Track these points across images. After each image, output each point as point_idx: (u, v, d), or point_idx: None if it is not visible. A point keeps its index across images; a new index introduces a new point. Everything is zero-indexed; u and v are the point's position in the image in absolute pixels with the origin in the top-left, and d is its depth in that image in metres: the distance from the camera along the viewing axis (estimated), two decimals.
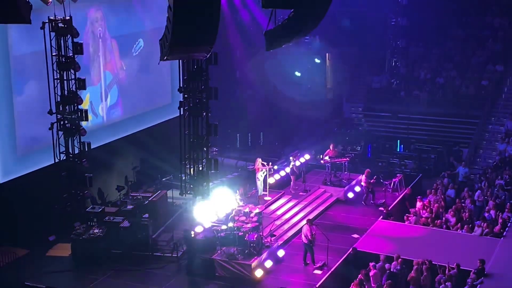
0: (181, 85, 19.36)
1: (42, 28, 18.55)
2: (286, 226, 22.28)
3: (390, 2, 34.54)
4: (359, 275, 17.43)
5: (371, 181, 24.72)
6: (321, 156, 26.27)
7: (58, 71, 19.22)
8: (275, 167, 23.64)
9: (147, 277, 19.37)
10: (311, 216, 22.21)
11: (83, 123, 20.30)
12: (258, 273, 18.95)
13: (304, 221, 20.68)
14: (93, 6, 23.23)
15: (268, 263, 19.45)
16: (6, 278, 19.11)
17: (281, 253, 20.17)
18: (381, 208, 23.24)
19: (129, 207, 22.01)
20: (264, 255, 19.54)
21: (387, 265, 18.04)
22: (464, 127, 30.91)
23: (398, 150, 30.97)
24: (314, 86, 35.33)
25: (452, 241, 20.32)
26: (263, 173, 23.52)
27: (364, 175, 24.63)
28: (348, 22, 33.16)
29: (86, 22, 22.63)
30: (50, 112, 19.16)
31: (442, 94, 32.49)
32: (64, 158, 19.79)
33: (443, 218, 21.67)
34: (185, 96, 19.44)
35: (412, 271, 17.58)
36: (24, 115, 20.79)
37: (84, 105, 21.06)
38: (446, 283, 16.95)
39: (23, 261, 20.02)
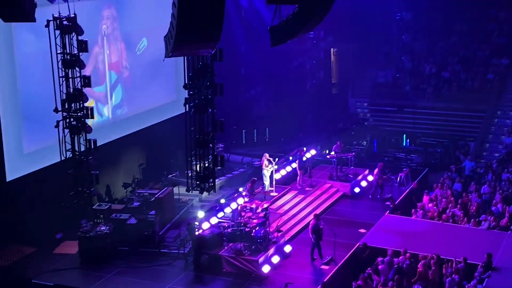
0: (186, 82, 19.33)
1: (47, 26, 18.55)
2: (293, 222, 22.28)
3: None
4: (367, 270, 17.45)
5: (384, 176, 24.68)
6: (327, 151, 26.24)
7: (63, 69, 19.22)
8: (275, 166, 23.57)
9: (155, 274, 19.40)
10: (317, 211, 22.20)
11: (89, 121, 20.32)
12: (265, 268, 18.96)
13: (311, 216, 20.68)
14: (101, 5, 23.26)
15: (275, 259, 19.45)
16: (13, 276, 19.17)
17: (288, 248, 20.17)
18: (388, 203, 23.23)
19: (136, 204, 22.06)
20: (271, 251, 19.55)
21: (395, 260, 18.04)
22: (470, 121, 30.85)
23: (404, 145, 30.94)
24: (319, 81, 35.32)
25: (459, 235, 20.31)
26: (270, 169, 23.51)
27: (377, 169, 24.55)
28: (353, 17, 33.03)
29: (93, 21, 22.65)
30: (56, 110, 19.17)
31: (447, 88, 32.42)
32: (71, 155, 19.80)
33: (450, 212, 21.64)
34: (191, 92, 19.40)
35: (420, 265, 17.58)
36: (29, 113, 20.82)
37: (89, 105, 21.05)
38: (454, 276, 16.95)
39: (31, 259, 20.09)
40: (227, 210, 21.71)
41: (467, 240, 19.88)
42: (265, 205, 21.26)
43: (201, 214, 21.12)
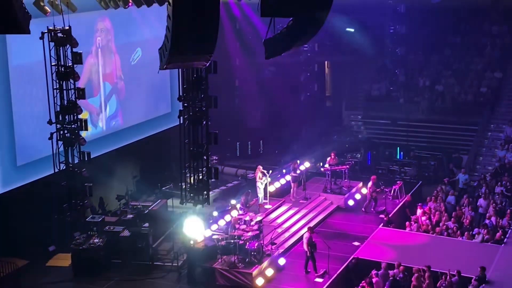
0: (180, 94, 19.35)
1: (41, 38, 18.56)
2: (287, 234, 22.24)
3: (388, 10, 34.60)
4: (362, 283, 17.41)
5: (377, 189, 24.71)
6: (321, 164, 26.25)
7: (57, 80, 19.21)
8: (269, 179, 23.55)
9: (148, 287, 19.32)
10: (311, 224, 22.18)
11: (83, 133, 20.29)
12: (259, 281, 18.90)
13: (305, 229, 20.65)
14: (95, 17, 23.30)
15: (269, 272, 19.40)
16: None
17: (282, 261, 20.12)
18: (381, 216, 23.22)
19: (129, 216, 21.98)
20: (265, 264, 19.50)
21: (389, 273, 18.01)
22: (463, 134, 30.91)
23: (398, 157, 30.96)
24: (313, 94, 35.38)
25: (453, 248, 20.30)
26: (264, 181, 23.50)
27: (370, 182, 24.57)
28: (347, 30, 33.14)
29: (88, 33, 22.66)
30: (50, 122, 19.14)
31: (441, 101, 32.51)
32: (64, 167, 19.76)
33: (444, 226, 21.64)
34: (185, 105, 19.42)
35: (413, 279, 17.56)
36: (23, 125, 20.79)
37: (83, 117, 21.03)
38: None
39: (23, 271, 19.95)
40: (221, 222, 21.67)
41: (461, 253, 19.88)
42: (259, 218, 21.22)
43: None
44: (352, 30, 32.71)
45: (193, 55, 10.81)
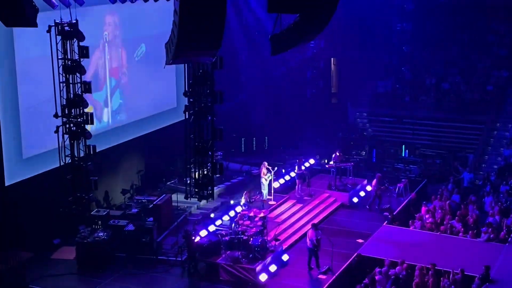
0: (186, 89, 19.37)
1: (48, 31, 18.57)
2: (290, 231, 22.27)
3: (395, 8, 34.55)
4: (365, 280, 17.43)
5: (382, 187, 24.71)
6: (326, 161, 26.25)
7: (63, 74, 19.24)
8: (272, 175, 23.61)
9: (152, 281, 19.39)
10: (315, 221, 22.20)
11: (88, 127, 20.32)
12: (263, 277, 18.94)
13: (309, 226, 20.67)
14: (103, 11, 23.32)
15: (273, 268, 19.44)
16: (11, 281, 19.12)
17: (285, 257, 20.16)
18: (386, 213, 23.21)
19: (134, 210, 22.05)
20: (268, 259, 19.54)
21: (392, 271, 18.03)
22: (469, 133, 30.87)
23: (403, 155, 30.93)
24: (319, 91, 35.35)
25: (457, 247, 20.28)
26: (268, 177, 23.53)
27: (375, 180, 24.56)
28: (353, 27, 33.10)
29: (96, 27, 22.68)
30: (56, 116, 19.16)
31: (447, 99, 32.44)
32: (70, 161, 19.79)
33: (448, 224, 21.62)
34: (191, 100, 19.43)
35: (416, 276, 17.56)
36: (29, 118, 20.83)
37: (89, 110, 21.06)
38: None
39: (28, 264, 20.02)
40: (225, 218, 21.72)
41: (465, 252, 19.86)
42: (263, 214, 21.26)
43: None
44: None
45: (199, 50, 10.83)
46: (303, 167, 25.16)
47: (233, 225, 20.43)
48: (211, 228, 21.11)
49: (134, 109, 25.58)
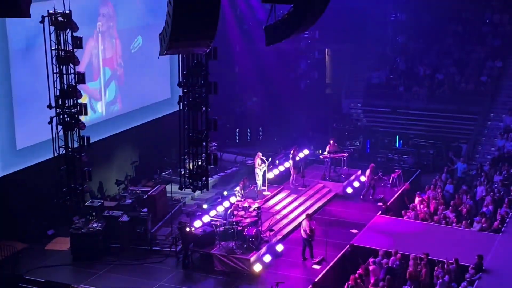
0: (180, 80, 19.34)
1: (42, 22, 18.50)
2: (285, 221, 22.31)
3: None
4: (359, 270, 17.49)
5: (375, 177, 24.76)
6: (320, 151, 26.27)
7: (57, 65, 19.17)
8: (266, 166, 23.63)
9: (146, 272, 19.40)
10: (310, 211, 22.24)
11: (82, 118, 20.28)
12: (257, 267, 18.99)
13: (303, 216, 20.71)
14: (98, 1, 23.23)
15: (267, 258, 19.49)
16: (5, 272, 19.13)
17: (280, 247, 20.20)
18: (380, 204, 23.28)
19: (128, 201, 22.06)
20: (263, 250, 19.58)
21: (385, 260, 18.10)
22: (463, 123, 30.88)
23: (397, 146, 30.97)
24: (313, 81, 35.33)
25: (450, 237, 20.37)
26: (262, 168, 23.54)
27: (368, 170, 24.61)
28: (347, 18, 33.05)
29: (90, 17, 22.59)
30: (50, 106, 19.12)
31: (441, 90, 32.47)
32: (63, 152, 19.76)
33: (442, 214, 21.70)
34: (185, 91, 19.40)
35: (410, 266, 17.64)
36: (23, 109, 20.78)
37: (83, 101, 21.01)
38: (444, 278, 17.00)
39: (22, 255, 20.05)
40: (220, 208, 21.73)
41: (458, 242, 19.95)
42: (257, 204, 21.28)
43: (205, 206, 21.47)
44: None
45: (193, 40, 10.80)
46: (297, 158, 25.17)
47: (227, 214, 20.46)
48: (206, 218, 21.13)
49: (129, 100, 25.54)
